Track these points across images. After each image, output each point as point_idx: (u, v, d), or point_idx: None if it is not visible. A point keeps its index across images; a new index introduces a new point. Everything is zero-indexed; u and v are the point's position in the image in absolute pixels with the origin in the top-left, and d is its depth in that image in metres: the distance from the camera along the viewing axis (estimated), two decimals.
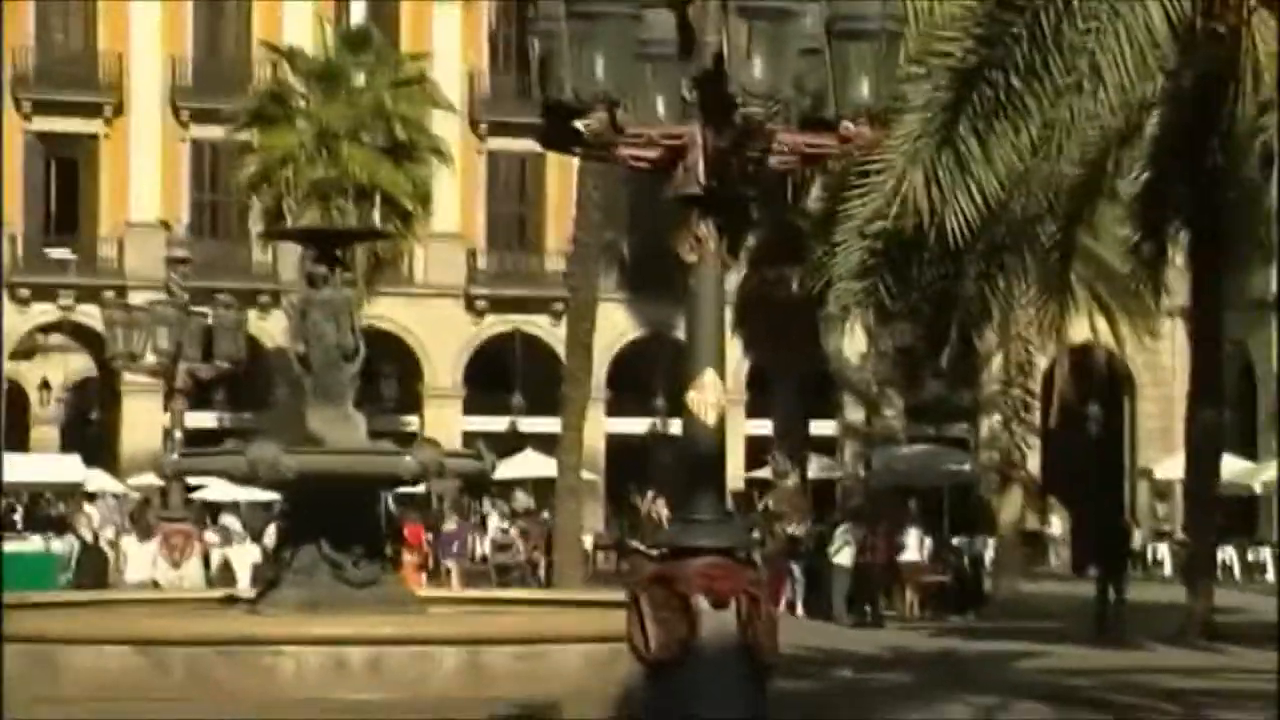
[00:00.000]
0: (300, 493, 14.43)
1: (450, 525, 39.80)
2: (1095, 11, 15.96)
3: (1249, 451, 55.96)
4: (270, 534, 27.26)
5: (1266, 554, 53.54)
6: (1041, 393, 48.41)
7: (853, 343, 44.55)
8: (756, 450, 49.99)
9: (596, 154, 9.42)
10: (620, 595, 9.54)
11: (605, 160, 9.56)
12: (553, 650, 12.59)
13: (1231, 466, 46.03)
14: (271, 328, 49.69)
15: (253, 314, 49.63)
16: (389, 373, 51.61)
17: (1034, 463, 51.79)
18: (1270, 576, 51.72)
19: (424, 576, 36.82)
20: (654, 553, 9.53)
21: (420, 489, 34.44)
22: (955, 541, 46.35)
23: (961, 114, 16.56)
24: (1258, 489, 53.72)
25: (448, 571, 38.77)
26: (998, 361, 48.23)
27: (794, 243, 34.07)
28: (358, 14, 53.80)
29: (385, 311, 51.02)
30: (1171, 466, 47.47)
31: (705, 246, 9.07)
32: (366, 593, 14.12)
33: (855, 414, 55.43)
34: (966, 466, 56.07)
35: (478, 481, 46.07)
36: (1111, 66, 15.93)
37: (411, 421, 53.46)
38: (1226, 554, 51.31)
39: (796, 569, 37.06)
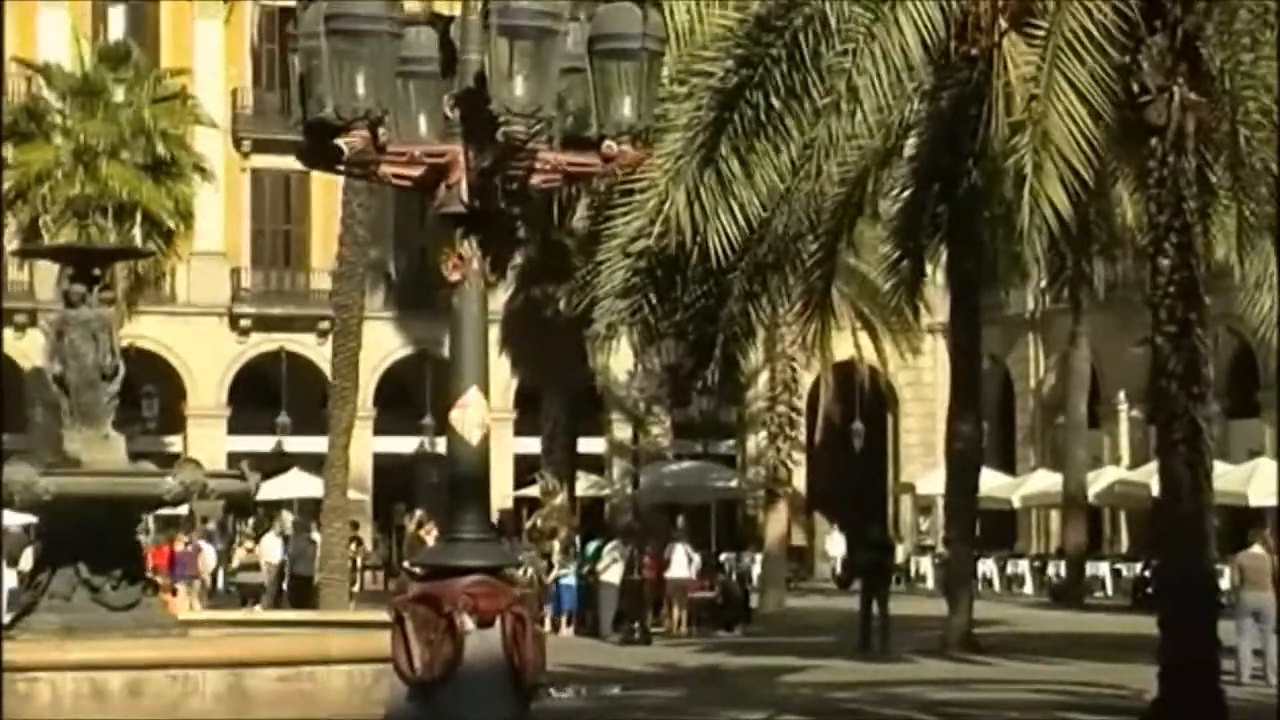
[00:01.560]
0: (57, 515, 14.12)
1: (180, 546, 39.16)
2: (852, 34, 16.18)
3: (1008, 466, 57.14)
4: (27, 558, 26.68)
5: (1025, 567, 54.67)
6: (806, 409, 49.04)
7: (620, 361, 44.68)
8: (525, 468, 49.99)
9: (358, 172, 9.37)
10: (386, 615, 9.48)
11: (367, 179, 9.51)
12: (317, 672, 12.46)
13: (991, 480, 46.99)
14: (27, 347, 48.65)
15: (8, 333, 48.71)
16: (151, 392, 50.79)
17: (799, 479, 52.42)
18: (1029, 589, 52.83)
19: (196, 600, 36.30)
20: (420, 572, 9.49)
21: (183, 510, 33.90)
22: (722, 558, 46.78)
23: (723, 134, 16.70)
24: (1016, 503, 54.85)
25: (173, 591, 38.16)
26: (764, 379, 48.76)
27: (561, 261, 34.14)
28: (116, 29, 52.94)
29: (147, 330, 50.23)
30: (933, 481, 48.31)
31: (468, 265, 9.05)
32: (126, 616, 13.86)
33: (623, 431, 55.64)
34: (733, 483, 56.58)
35: (241, 502, 45.62)
36: (869, 88, 16.16)
37: (174, 442, 52.68)
38: (987, 567, 52.32)
39: (566, 586, 37.09)
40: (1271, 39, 16.05)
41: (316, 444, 40.29)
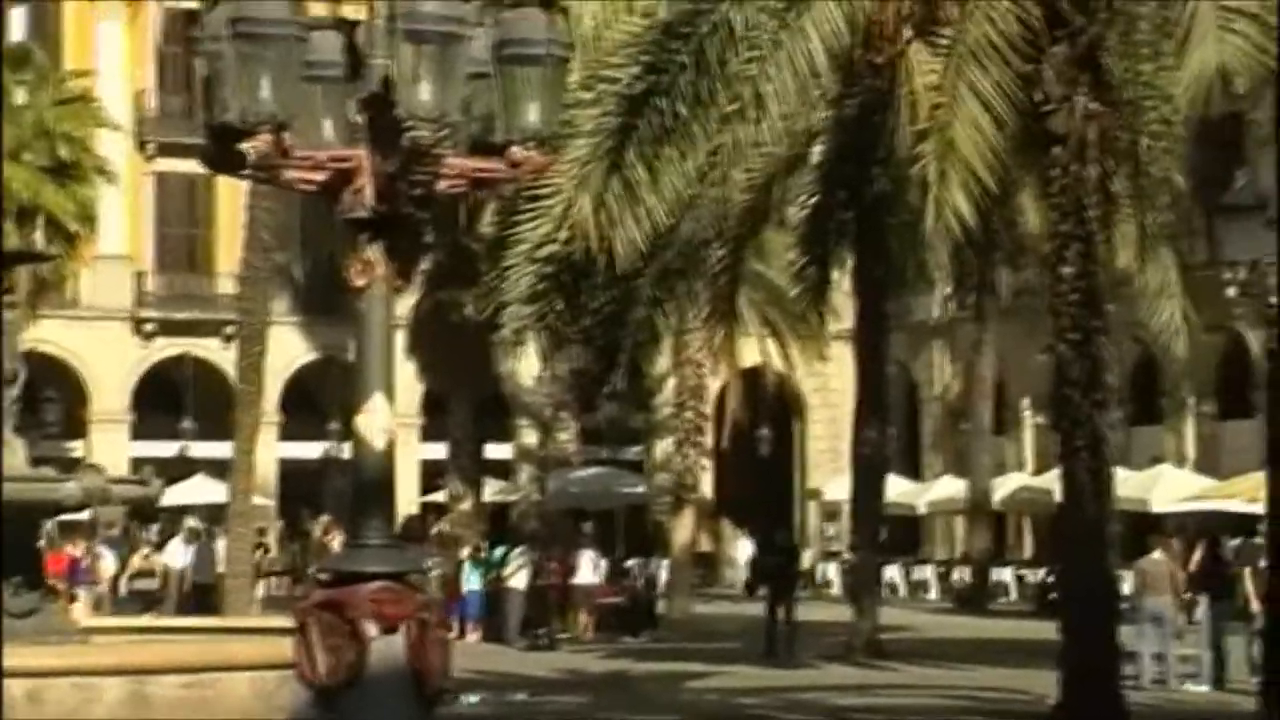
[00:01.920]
0: None
1: (77, 552, 38.82)
2: (758, 42, 16.24)
3: (914, 472, 57.45)
4: None
5: (930, 572, 54.98)
6: (714, 415, 49.16)
7: (527, 366, 44.64)
8: (432, 474, 49.86)
9: (263, 177, 9.32)
10: (290, 621, 9.44)
11: (272, 183, 9.47)
12: (220, 678, 12.39)
13: (896, 487, 47.25)
14: None
15: None
16: (52, 397, 50.29)
17: (706, 485, 52.52)
18: (934, 595, 53.13)
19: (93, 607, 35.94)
20: (324, 578, 9.46)
21: (85, 516, 33.66)
22: (629, 563, 46.78)
23: (629, 140, 16.73)
24: (922, 509, 55.16)
25: (72, 598, 37.80)
26: (671, 385, 48.82)
27: (468, 266, 34.08)
28: (18, 31, 52.43)
29: (49, 335, 49.73)
30: (839, 487, 48.49)
31: (374, 270, 9.03)
32: (26, 623, 13.73)
33: (530, 437, 55.62)
34: (640, 489, 56.62)
35: (144, 508, 45.27)
36: (775, 96, 16.23)
37: (77, 447, 52.23)
38: (892, 573, 52.59)
39: (472, 592, 37.02)
40: (1171, 49, 16.23)
41: (222, 449, 40.09)
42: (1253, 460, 32.28)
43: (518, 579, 36.09)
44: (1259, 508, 24.61)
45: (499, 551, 37.82)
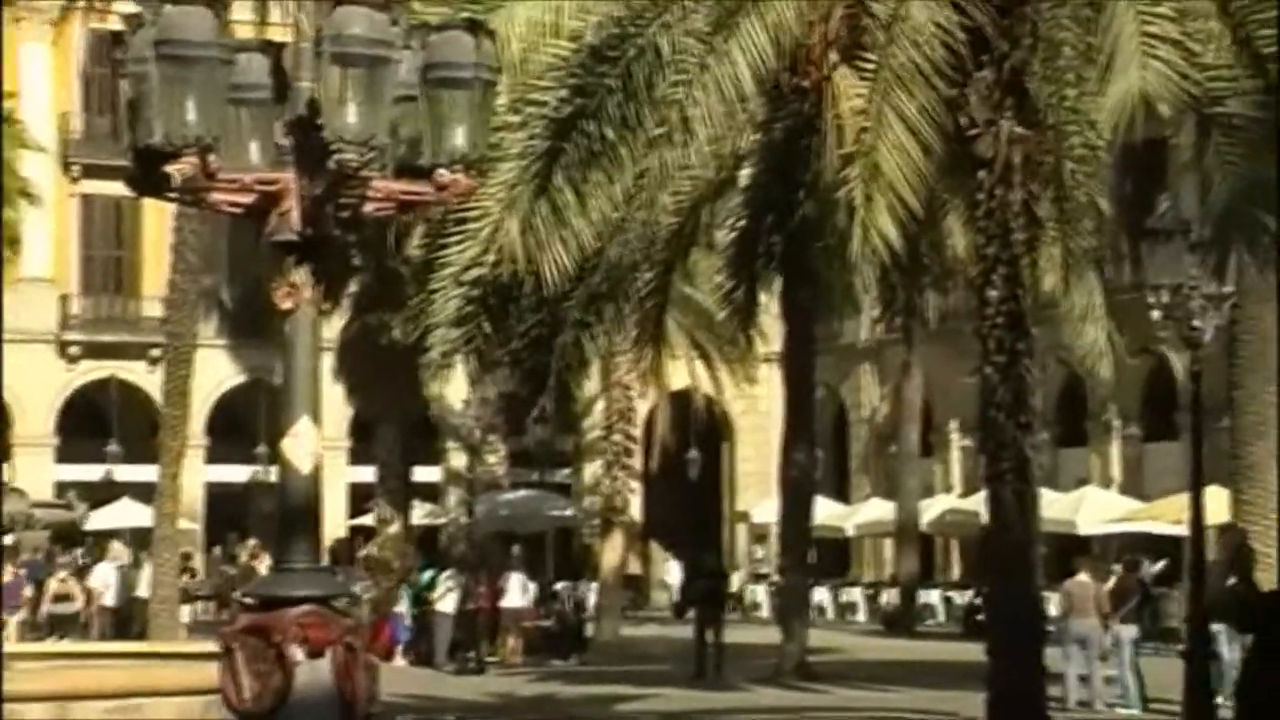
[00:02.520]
0: None
1: (9, 577, 38.53)
2: (685, 65, 16.29)
3: (842, 494, 57.63)
4: None
5: (858, 594, 55.12)
6: (643, 438, 49.17)
7: (455, 389, 44.57)
8: (360, 497, 49.67)
9: (189, 199, 9.28)
10: (216, 646, 9.39)
11: (198, 206, 9.44)
12: (145, 703, 12.32)
13: (825, 509, 47.37)
14: None
15: None
16: None
17: (635, 507, 52.52)
18: (862, 617, 53.27)
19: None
20: (250, 602, 9.42)
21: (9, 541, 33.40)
22: (558, 586, 46.71)
23: (557, 163, 16.74)
24: (850, 531, 55.30)
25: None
26: (600, 407, 48.82)
27: (396, 289, 33.99)
28: None
29: None
30: (768, 510, 48.61)
31: (300, 293, 9.00)
32: None
33: (459, 460, 55.48)
34: (569, 512, 56.57)
35: (68, 532, 44.97)
36: (702, 119, 16.28)
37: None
38: (821, 595, 52.69)
39: (400, 616, 36.91)
40: (1095, 75, 16.36)
41: (147, 473, 39.82)
42: (1177, 482, 32.55)
43: (446, 602, 35.99)
44: (1183, 529, 24.83)
45: (427, 575, 37.70)
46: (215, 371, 53.06)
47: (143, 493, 44.57)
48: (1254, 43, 16.46)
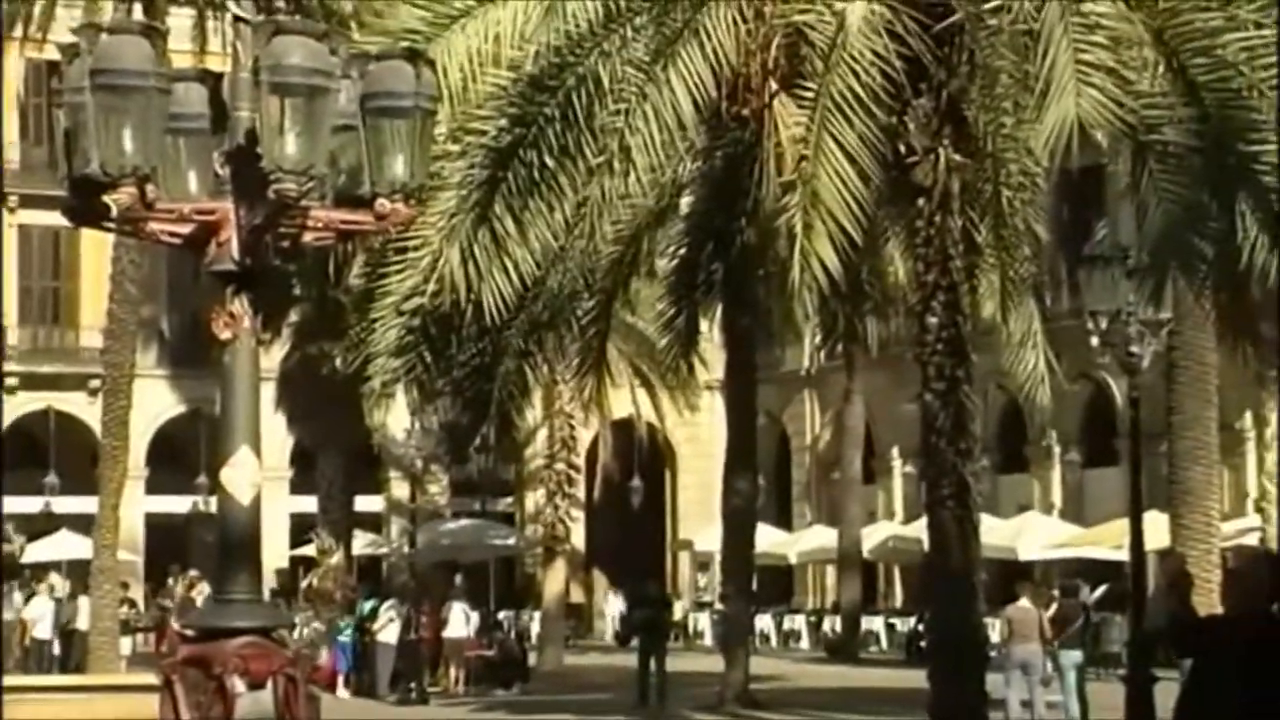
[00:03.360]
0: None
1: None
2: (624, 94, 16.32)
3: (785, 522, 57.67)
4: None
5: (801, 622, 55.15)
6: (585, 466, 49.14)
7: (397, 418, 44.46)
8: (301, 527, 49.46)
9: (127, 230, 9.25)
10: (156, 678, 9.34)
11: (136, 236, 9.40)
12: None
13: (767, 536, 47.40)
14: None
15: None
16: None
17: (578, 536, 52.46)
18: (805, 644, 53.30)
19: None
20: (190, 634, 9.37)
21: None
22: (501, 615, 46.62)
23: (497, 192, 16.75)
24: (793, 558, 55.33)
25: None
26: (542, 436, 48.75)
27: (337, 318, 33.90)
28: None
29: None
30: (711, 537, 48.58)
31: (239, 323, 8.97)
32: None
33: (400, 490, 55.34)
34: (511, 541, 56.47)
35: (6, 565, 44.61)
36: (642, 148, 16.30)
37: None
38: (764, 623, 52.69)
39: (342, 646, 36.76)
40: (1031, 102, 16.46)
41: (86, 504, 39.57)
42: (1118, 507, 32.71)
43: (387, 632, 35.85)
44: (1124, 555, 24.95)
45: (369, 605, 37.57)
46: (155, 402, 52.79)
47: (81, 524, 44.30)
48: (1188, 71, 16.59)
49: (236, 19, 9.01)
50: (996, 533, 36.85)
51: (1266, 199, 16.29)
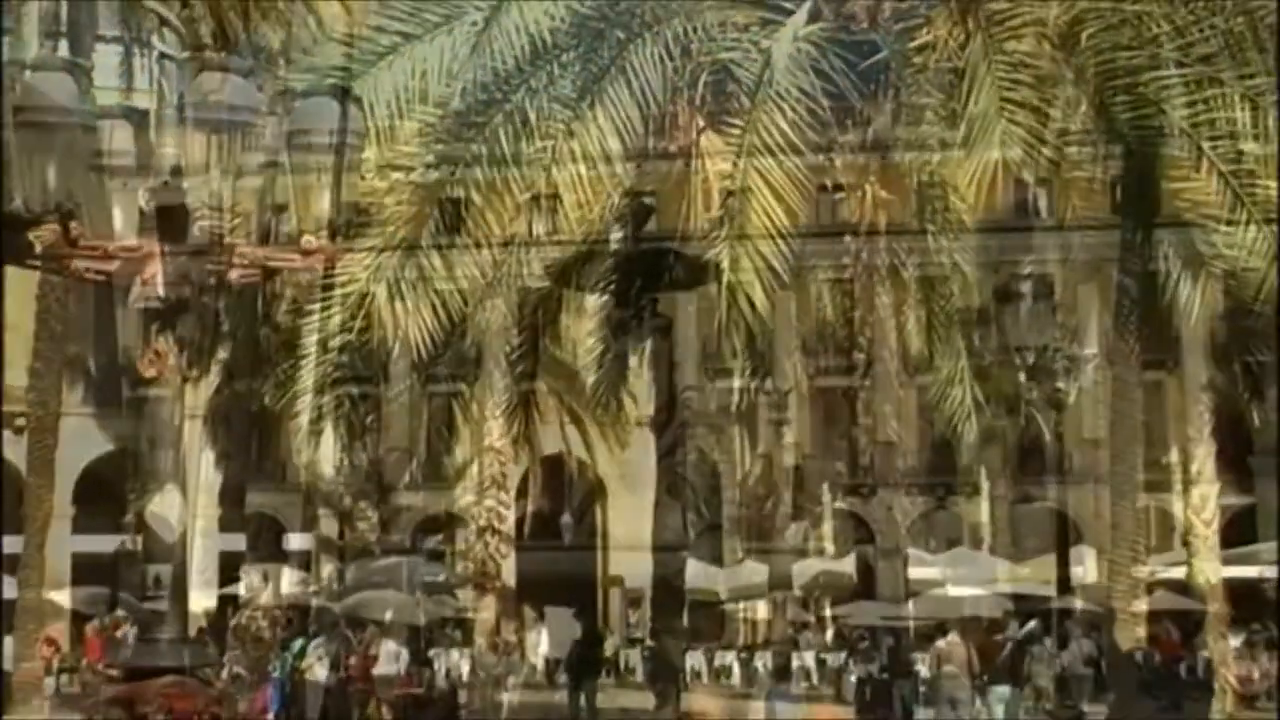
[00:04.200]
0: None
1: None
2: (551, 132, 16.38)
3: (715, 557, 57.60)
4: None
5: (733, 658, 55.06)
6: (515, 502, 49.00)
7: (326, 455, 44.25)
8: (230, 565, 49.12)
9: (52, 266, 9.21)
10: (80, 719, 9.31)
11: (60, 273, 9.36)
12: None
13: (697, 572, 47.32)
14: None
15: None
16: None
17: (509, 572, 52.26)
18: (736, 680, 53.21)
19: None
20: (114, 673, 9.32)
21: None
22: (431, 653, 46.37)
23: (424, 229, 16.76)
24: (723, 594, 55.21)
25: None
26: (472, 473, 48.59)
27: (265, 356, 33.80)
28: None
29: None
30: (641, 573, 48.48)
31: (165, 360, 8.94)
32: None
33: (329, 527, 55.06)
34: (442, 578, 56.20)
35: None
36: (569, 185, 16.35)
37: None
38: (695, 659, 52.57)
39: (277, 684, 36.50)
40: (957, 141, 16.59)
41: (12, 544, 39.21)
42: (1046, 542, 32.85)
43: (316, 671, 35.62)
44: (1052, 589, 25.08)
45: (298, 643, 37.33)
46: (81, 440, 52.37)
47: (6, 564, 43.86)
48: (1110, 108, 16.76)
49: (162, 55, 9.00)
50: (925, 567, 36.93)
51: (1188, 235, 16.46)
